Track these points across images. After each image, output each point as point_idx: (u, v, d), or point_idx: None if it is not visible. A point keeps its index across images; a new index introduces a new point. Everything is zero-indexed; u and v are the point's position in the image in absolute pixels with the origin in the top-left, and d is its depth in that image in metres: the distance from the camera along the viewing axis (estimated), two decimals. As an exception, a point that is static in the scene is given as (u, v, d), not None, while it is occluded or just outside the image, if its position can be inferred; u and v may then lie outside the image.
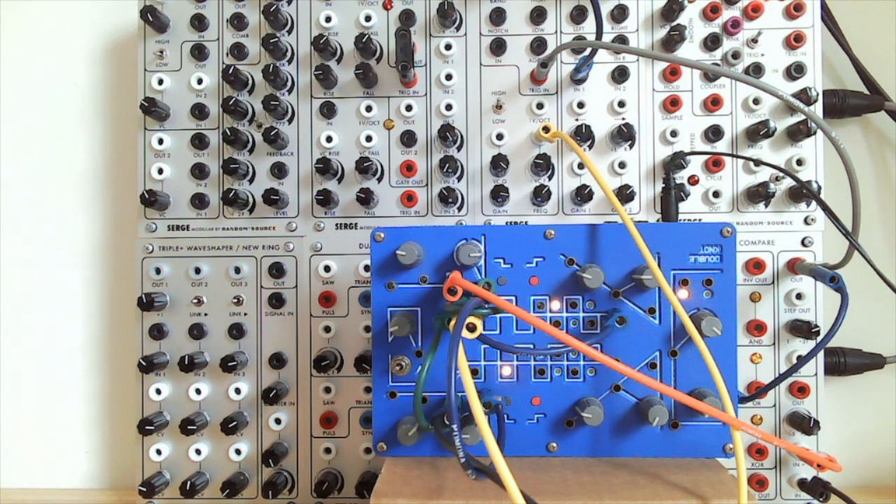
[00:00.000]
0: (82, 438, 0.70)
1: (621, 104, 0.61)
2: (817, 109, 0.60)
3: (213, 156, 0.62)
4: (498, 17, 0.61)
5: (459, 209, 0.61)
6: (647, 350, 0.48)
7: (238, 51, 0.61)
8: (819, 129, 0.58)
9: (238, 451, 0.60)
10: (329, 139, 0.61)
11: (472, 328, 0.40)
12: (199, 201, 0.61)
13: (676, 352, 0.48)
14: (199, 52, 0.62)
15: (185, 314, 0.61)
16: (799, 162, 0.60)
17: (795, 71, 0.60)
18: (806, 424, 0.58)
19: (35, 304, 0.70)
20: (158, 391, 0.61)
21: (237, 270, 0.61)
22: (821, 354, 0.59)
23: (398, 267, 0.48)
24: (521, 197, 0.61)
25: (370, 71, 0.59)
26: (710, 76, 0.61)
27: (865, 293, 0.63)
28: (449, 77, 0.61)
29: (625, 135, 0.59)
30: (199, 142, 0.62)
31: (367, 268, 0.61)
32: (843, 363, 0.63)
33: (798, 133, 0.59)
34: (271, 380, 0.61)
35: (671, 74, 0.61)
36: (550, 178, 0.61)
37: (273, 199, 0.59)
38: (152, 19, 0.60)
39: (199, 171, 0.61)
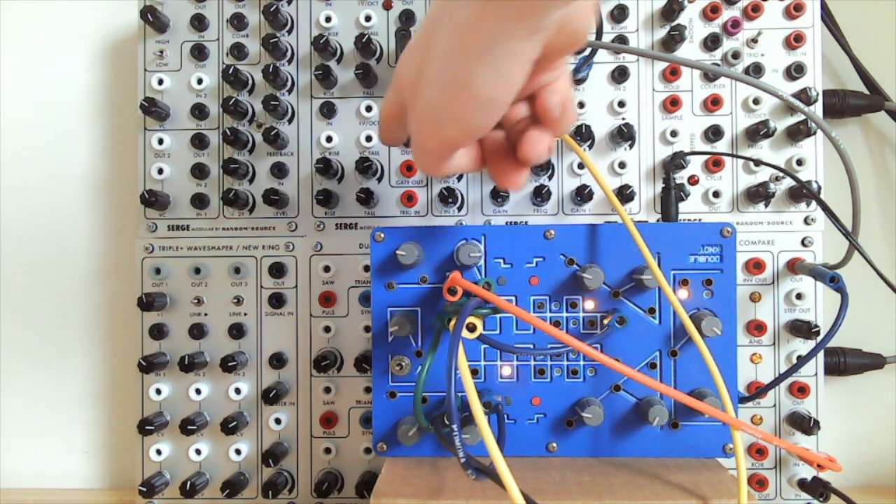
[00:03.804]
0: (82, 438, 0.70)
1: (621, 104, 0.61)
2: (817, 109, 0.60)
3: (213, 156, 0.62)
4: (498, 17, 0.60)
5: (459, 209, 0.61)
6: (647, 350, 0.48)
7: (238, 51, 0.61)
8: (819, 129, 0.58)
9: (238, 451, 0.60)
10: (329, 139, 0.61)
11: (472, 328, 0.40)
12: (199, 201, 0.61)
13: (676, 352, 0.48)
14: (199, 52, 0.62)
15: (185, 314, 0.61)
16: (799, 162, 0.60)
17: (795, 71, 0.60)
18: (806, 424, 0.58)
19: (35, 303, 0.70)
20: (158, 391, 0.61)
21: (237, 270, 0.61)
22: (821, 354, 0.59)
23: (398, 267, 0.48)
24: (520, 197, 0.61)
25: (370, 71, 0.59)
26: (710, 76, 0.61)
27: (865, 293, 0.63)
28: (449, 77, 0.61)
29: (625, 135, 0.59)
30: (199, 142, 0.62)
31: (367, 268, 0.61)
32: (843, 363, 0.63)
33: (798, 133, 0.59)
34: (271, 380, 0.61)
35: (671, 74, 0.61)
36: (550, 178, 0.61)
37: (273, 199, 0.59)
38: (152, 19, 0.60)
39: (199, 171, 0.61)
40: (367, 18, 0.61)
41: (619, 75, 0.61)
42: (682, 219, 0.59)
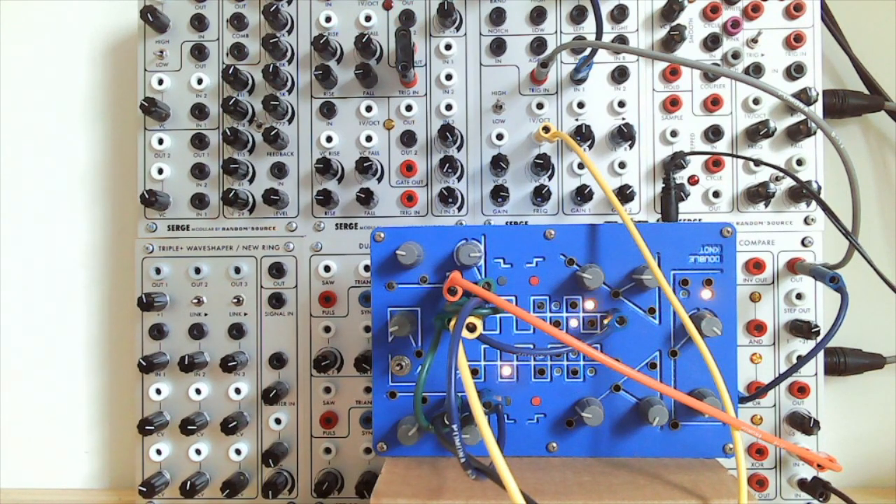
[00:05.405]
0: (82, 438, 0.70)
1: (621, 104, 0.61)
2: (817, 109, 0.60)
3: (213, 156, 0.62)
4: (498, 17, 0.61)
5: (459, 209, 0.61)
6: (647, 350, 0.48)
7: (238, 51, 0.61)
8: (819, 129, 0.58)
9: (238, 451, 0.60)
10: (329, 139, 0.61)
11: (472, 328, 0.40)
12: (199, 201, 0.61)
13: (676, 352, 0.48)
14: (199, 52, 0.62)
15: (185, 314, 0.61)
16: (799, 162, 0.60)
17: (795, 71, 0.60)
18: (806, 424, 0.58)
19: (35, 304, 0.70)
20: (158, 391, 0.61)
21: (237, 270, 0.61)
22: (821, 354, 0.59)
23: (398, 267, 0.48)
24: (521, 197, 0.61)
25: (370, 71, 0.59)
26: (710, 76, 0.61)
27: (865, 293, 0.63)
28: (449, 77, 0.61)
29: (625, 135, 0.59)
30: (199, 142, 0.62)
31: (367, 268, 0.61)
32: (843, 363, 0.63)
33: (798, 133, 0.59)
34: (271, 380, 0.61)
35: (671, 74, 0.61)
36: (550, 178, 0.61)
37: (273, 199, 0.59)
38: (152, 19, 0.60)
39: (199, 171, 0.61)
40: (367, 18, 0.61)
41: (619, 75, 0.61)
42: (682, 219, 0.59)
